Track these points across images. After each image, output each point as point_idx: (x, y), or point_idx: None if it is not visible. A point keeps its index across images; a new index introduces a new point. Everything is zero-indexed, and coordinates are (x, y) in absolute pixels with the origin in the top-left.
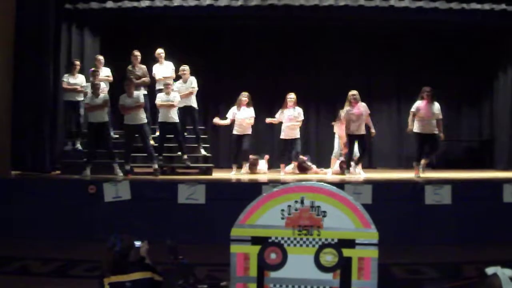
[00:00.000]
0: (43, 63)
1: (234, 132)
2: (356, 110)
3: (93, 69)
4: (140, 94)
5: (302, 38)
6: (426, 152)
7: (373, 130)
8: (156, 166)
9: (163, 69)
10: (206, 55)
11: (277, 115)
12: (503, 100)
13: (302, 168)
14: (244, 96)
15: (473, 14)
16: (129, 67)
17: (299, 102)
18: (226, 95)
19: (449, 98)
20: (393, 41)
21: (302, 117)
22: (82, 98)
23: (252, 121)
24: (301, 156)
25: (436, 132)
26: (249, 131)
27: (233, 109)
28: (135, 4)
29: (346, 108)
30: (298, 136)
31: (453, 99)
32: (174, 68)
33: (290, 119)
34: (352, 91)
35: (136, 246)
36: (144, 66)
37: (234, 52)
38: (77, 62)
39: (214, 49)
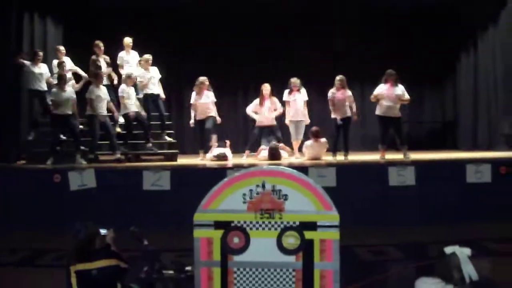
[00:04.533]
0: (5, 52)
1: (197, 118)
2: (340, 94)
3: (59, 60)
4: (105, 89)
5: (265, 25)
6: (391, 136)
7: (354, 116)
8: (118, 155)
9: (129, 58)
10: (168, 42)
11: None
12: (466, 81)
13: (274, 156)
14: (206, 81)
15: None
16: (94, 57)
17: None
18: (190, 82)
19: (412, 80)
20: (355, 25)
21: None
22: (46, 89)
23: (214, 104)
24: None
25: (400, 115)
26: (212, 114)
27: (193, 94)
28: None
29: (331, 90)
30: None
31: (416, 81)
32: (139, 58)
33: (268, 109)
34: (338, 76)
35: (102, 233)
36: (107, 57)
37: (196, 39)
38: (40, 52)
39: (176, 37)
